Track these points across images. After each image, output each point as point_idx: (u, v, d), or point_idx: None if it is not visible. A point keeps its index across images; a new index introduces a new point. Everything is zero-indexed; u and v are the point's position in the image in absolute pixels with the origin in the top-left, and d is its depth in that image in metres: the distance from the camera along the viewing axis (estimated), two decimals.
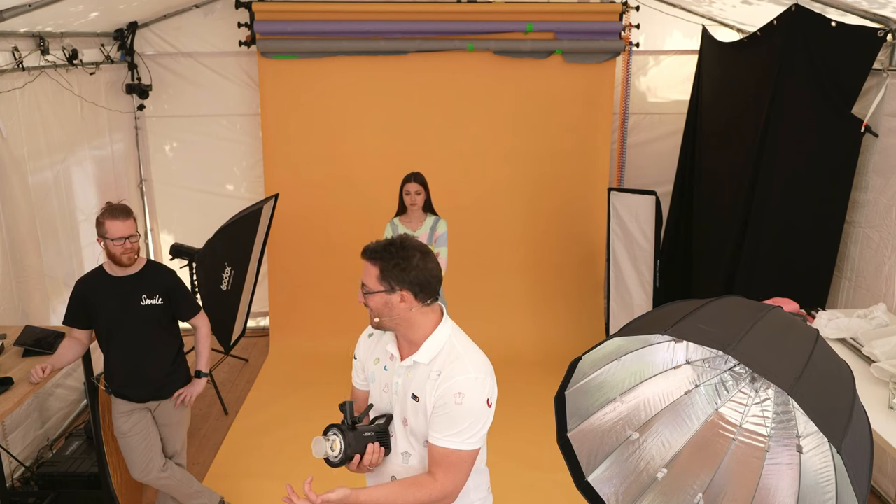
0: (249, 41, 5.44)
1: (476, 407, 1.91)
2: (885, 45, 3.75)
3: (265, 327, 6.13)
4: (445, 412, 1.91)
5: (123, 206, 3.15)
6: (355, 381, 2.23)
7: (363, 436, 1.97)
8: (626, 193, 5.29)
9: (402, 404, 2.03)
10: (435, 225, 4.41)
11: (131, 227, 3.11)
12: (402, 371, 2.02)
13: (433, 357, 1.97)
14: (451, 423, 1.91)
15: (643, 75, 5.86)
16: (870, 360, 3.17)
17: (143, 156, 5.88)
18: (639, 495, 1.71)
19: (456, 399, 1.90)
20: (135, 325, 3.21)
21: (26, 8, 3.60)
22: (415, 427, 2.01)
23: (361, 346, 2.19)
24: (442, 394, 1.92)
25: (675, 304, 1.60)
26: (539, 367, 5.38)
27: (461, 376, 1.91)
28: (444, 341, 1.98)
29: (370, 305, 1.97)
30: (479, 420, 1.93)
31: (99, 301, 3.19)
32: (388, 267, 1.92)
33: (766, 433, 1.67)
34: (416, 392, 1.98)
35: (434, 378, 1.95)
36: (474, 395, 1.91)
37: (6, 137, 3.98)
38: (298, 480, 4.05)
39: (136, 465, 3.33)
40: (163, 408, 3.39)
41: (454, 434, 1.91)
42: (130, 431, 3.30)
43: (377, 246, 1.95)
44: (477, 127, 5.68)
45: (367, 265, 1.95)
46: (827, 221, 4.10)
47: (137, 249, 3.17)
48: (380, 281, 1.93)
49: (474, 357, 1.98)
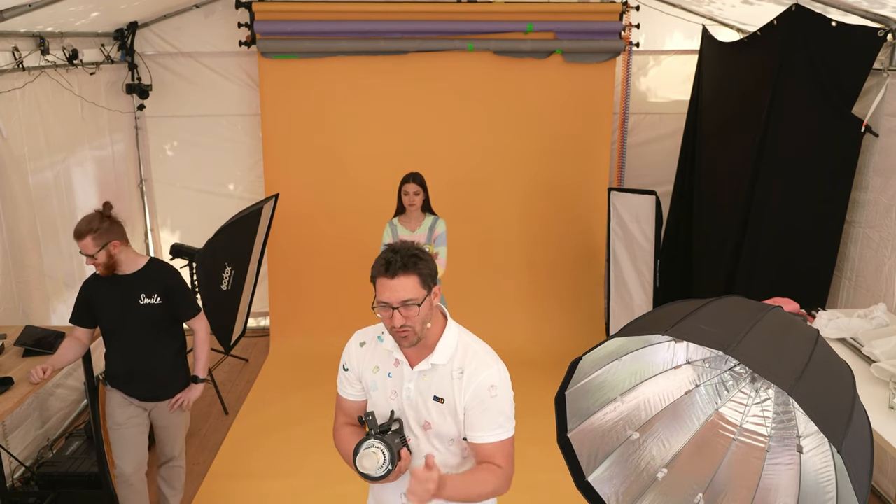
0: (249, 41, 5.44)
1: (508, 395, 1.99)
2: (885, 45, 3.75)
3: (265, 327, 6.13)
4: (484, 409, 1.95)
5: (78, 226, 3.04)
6: (346, 393, 2.14)
7: (395, 443, 1.95)
8: (626, 193, 5.29)
9: (419, 409, 2.01)
10: (434, 225, 4.41)
11: (86, 247, 3.02)
12: (415, 376, 2.01)
13: (450, 357, 1.99)
14: (493, 418, 1.96)
15: (643, 75, 5.86)
16: (870, 360, 3.17)
17: (143, 156, 5.89)
18: (639, 495, 1.71)
19: (490, 393, 1.95)
20: (134, 325, 3.18)
21: (26, 8, 3.60)
22: (440, 429, 2.01)
23: (353, 356, 2.11)
24: (475, 392, 1.95)
25: (676, 305, 1.60)
26: (539, 367, 5.37)
27: (486, 371, 1.96)
28: (457, 340, 2.02)
29: (419, 318, 1.89)
30: (512, 405, 2.01)
31: (101, 301, 3.18)
32: (423, 269, 1.90)
33: (766, 433, 1.67)
34: (438, 394, 1.99)
35: (458, 378, 1.97)
36: (503, 384, 1.98)
37: (6, 137, 3.98)
38: (298, 480, 4.07)
39: (130, 457, 3.28)
40: (160, 409, 3.36)
41: (498, 426, 1.97)
42: (127, 423, 3.27)
43: (398, 259, 1.87)
44: (477, 127, 5.67)
45: (403, 279, 1.86)
46: (827, 221, 4.10)
47: (105, 264, 3.07)
48: (422, 286, 1.90)
49: (487, 349, 2.04)
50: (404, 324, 1.89)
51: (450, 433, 2.01)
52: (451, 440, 2.03)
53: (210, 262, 4.63)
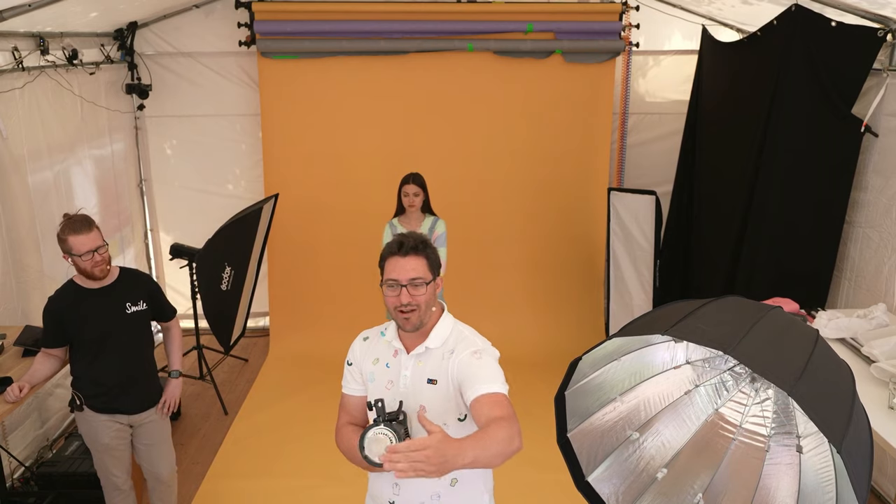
0: (249, 41, 5.44)
1: (493, 360, 2.01)
2: (885, 45, 3.75)
3: (265, 327, 6.13)
4: (472, 370, 1.97)
5: (83, 218, 2.92)
6: (349, 389, 2.19)
7: (401, 432, 1.95)
8: (626, 193, 5.29)
9: (415, 394, 2.05)
10: (434, 225, 4.41)
11: (96, 238, 2.90)
12: (411, 362, 2.06)
13: (444, 340, 2.06)
14: (482, 373, 1.95)
15: (643, 75, 5.86)
16: (870, 360, 3.17)
17: (143, 156, 5.88)
18: (639, 495, 1.71)
19: (475, 355, 2.00)
20: (124, 335, 3.08)
21: (26, 8, 3.60)
22: (435, 411, 2.03)
23: (357, 350, 2.19)
24: (460, 360, 2.00)
25: (675, 305, 1.60)
26: (539, 367, 5.37)
27: (472, 347, 2.03)
28: (451, 326, 2.11)
29: (423, 299, 1.99)
30: (499, 369, 2.00)
31: (80, 317, 3.00)
32: (430, 255, 2.03)
33: (766, 433, 1.67)
34: (431, 376, 2.04)
35: (448, 357, 2.03)
36: (488, 350, 2.04)
37: (6, 137, 3.98)
38: (298, 480, 4.07)
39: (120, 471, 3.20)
40: (146, 427, 3.23)
41: (491, 380, 1.93)
42: (113, 443, 3.15)
43: (410, 241, 2.01)
44: (476, 127, 5.67)
45: (413, 259, 2.00)
46: (827, 221, 4.10)
47: (108, 259, 2.98)
48: (429, 269, 2.02)
49: (481, 336, 2.11)
50: (410, 301, 1.97)
51: (443, 416, 2.02)
52: (444, 423, 2.03)
53: (210, 262, 4.63)
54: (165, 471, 3.34)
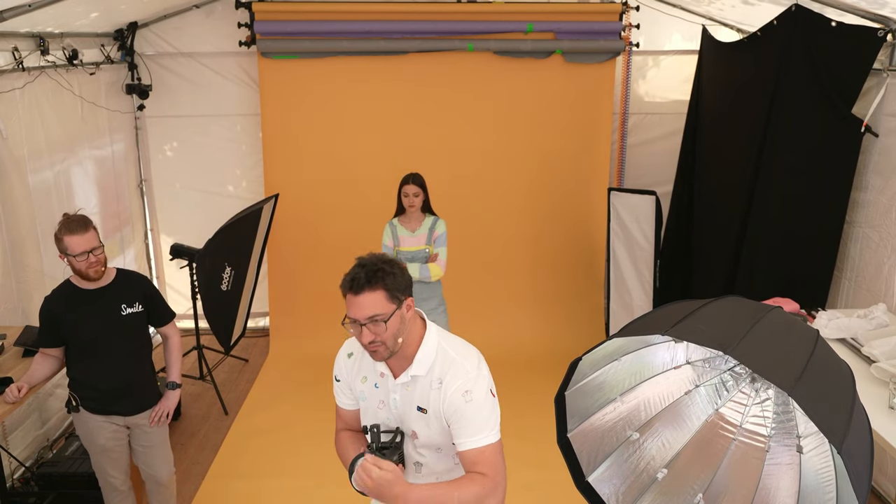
0: (249, 41, 5.44)
1: (486, 400, 1.94)
2: (885, 45, 3.75)
3: (265, 327, 6.13)
4: (461, 415, 1.92)
5: (80, 218, 2.90)
6: (342, 403, 2.16)
7: (393, 459, 1.95)
8: (626, 193, 5.29)
9: (406, 419, 2.02)
10: (434, 225, 4.41)
11: (92, 239, 2.89)
12: (399, 388, 2.01)
13: (430, 367, 1.97)
14: (471, 423, 1.92)
15: (643, 75, 5.86)
16: (870, 360, 3.17)
17: (143, 156, 5.88)
18: (639, 495, 1.71)
19: (465, 398, 1.92)
20: (119, 337, 3.06)
21: (26, 8, 3.60)
22: (425, 438, 2.01)
23: (342, 367, 2.12)
24: (451, 400, 1.93)
25: (675, 305, 1.60)
26: (539, 368, 5.37)
27: (462, 379, 1.94)
28: (436, 348, 1.99)
29: (388, 333, 1.86)
30: (493, 410, 1.96)
31: (75, 318, 2.99)
32: (390, 282, 1.86)
33: (766, 433, 1.67)
34: (420, 404, 1.99)
35: (437, 388, 1.96)
36: (479, 389, 1.94)
37: (6, 137, 3.98)
38: (299, 480, 4.07)
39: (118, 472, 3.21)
40: (143, 430, 3.22)
41: (477, 431, 1.92)
42: (109, 444, 3.16)
43: (363, 274, 1.85)
44: (477, 127, 5.67)
45: (368, 295, 1.83)
46: (827, 221, 4.10)
47: (104, 261, 2.98)
48: (390, 300, 1.86)
49: (466, 354, 2.00)
50: (373, 339, 1.87)
51: (436, 442, 2.01)
52: (438, 448, 2.03)
53: (210, 262, 4.63)
54: (163, 473, 3.33)
